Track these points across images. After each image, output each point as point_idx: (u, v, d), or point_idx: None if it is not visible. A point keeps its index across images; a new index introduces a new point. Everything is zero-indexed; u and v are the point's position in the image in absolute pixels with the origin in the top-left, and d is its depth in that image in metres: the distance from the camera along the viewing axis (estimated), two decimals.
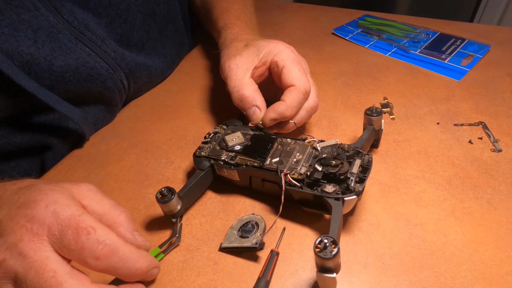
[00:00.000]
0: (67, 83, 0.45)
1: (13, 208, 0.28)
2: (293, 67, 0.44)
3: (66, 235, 0.27)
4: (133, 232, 0.32)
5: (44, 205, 0.28)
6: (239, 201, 0.41)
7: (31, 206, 0.28)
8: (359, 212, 0.39)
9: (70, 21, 0.45)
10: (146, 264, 0.30)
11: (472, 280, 0.33)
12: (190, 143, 0.49)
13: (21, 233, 0.27)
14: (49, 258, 0.27)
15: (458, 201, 0.40)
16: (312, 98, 0.45)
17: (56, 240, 0.27)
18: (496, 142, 0.47)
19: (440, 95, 0.55)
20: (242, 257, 0.35)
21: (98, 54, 0.47)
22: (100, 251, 0.27)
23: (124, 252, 0.28)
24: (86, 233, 0.27)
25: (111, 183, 0.44)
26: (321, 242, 0.28)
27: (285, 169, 0.37)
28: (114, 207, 0.32)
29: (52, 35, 0.43)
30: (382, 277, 0.33)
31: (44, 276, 0.26)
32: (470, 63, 0.62)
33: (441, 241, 0.36)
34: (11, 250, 0.26)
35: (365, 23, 0.77)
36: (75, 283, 0.26)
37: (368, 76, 0.60)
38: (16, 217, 0.28)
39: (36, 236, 0.27)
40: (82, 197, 0.31)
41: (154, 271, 0.32)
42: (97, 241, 0.27)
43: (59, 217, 0.27)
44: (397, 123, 0.50)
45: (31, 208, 0.28)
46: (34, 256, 0.26)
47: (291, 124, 0.44)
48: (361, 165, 0.36)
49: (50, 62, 0.43)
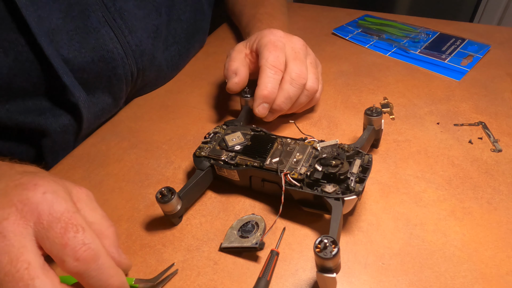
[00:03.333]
0: (82, 59, 0.46)
1: (11, 186, 0.28)
2: (265, 49, 0.45)
3: (54, 227, 0.26)
4: (118, 248, 0.31)
5: (42, 191, 0.28)
6: (239, 201, 0.41)
7: (30, 188, 0.28)
8: (359, 212, 0.39)
9: (108, 6, 0.47)
10: (118, 283, 0.28)
11: (472, 280, 0.33)
12: (190, 143, 0.49)
13: (10, 211, 0.26)
14: (27, 247, 0.26)
15: (458, 201, 0.40)
16: (310, 81, 0.46)
17: (41, 230, 0.26)
18: (496, 142, 0.47)
19: (440, 95, 0.55)
20: (242, 257, 0.35)
21: (120, 42, 0.49)
22: (82, 252, 0.26)
23: (103, 262, 0.27)
24: (74, 231, 0.27)
25: (111, 183, 0.44)
26: (321, 242, 0.28)
27: (285, 169, 0.37)
28: (105, 219, 0.32)
29: (84, 13, 0.45)
30: (382, 277, 0.33)
31: (17, 266, 0.25)
32: (470, 63, 0.62)
33: (441, 241, 0.36)
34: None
35: (365, 23, 0.77)
36: (47, 281, 0.25)
37: (368, 76, 0.60)
38: (11, 194, 0.27)
39: (23, 220, 0.26)
40: (78, 199, 0.31)
41: None
42: (82, 242, 0.27)
43: (53, 207, 0.27)
44: (397, 123, 0.50)
45: (29, 190, 0.27)
46: (13, 240, 0.25)
47: (279, 101, 0.45)
48: (361, 165, 0.36)
49: (72, 37, 0.44)
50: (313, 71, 0.47)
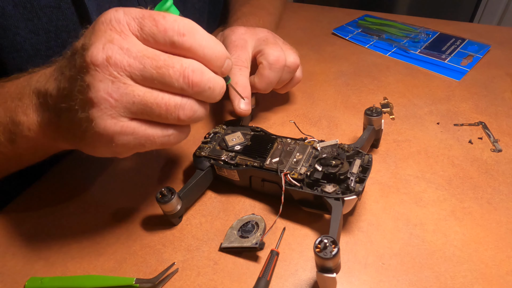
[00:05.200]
0: None
1: (89, 29, 0.28)
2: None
3: (145, 24, 0.27)
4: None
5: (114, 10, 0.28)
6: (239, 201, 0.41)
7: (103, 15, 0.28)
8: (359, 212, 0.39)
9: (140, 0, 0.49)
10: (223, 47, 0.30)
11: (472, 280, 0.33)
12: (190, 143, 0.49)
13: (109, 34, 0.27)
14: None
15: (458, 201, 0.40)
16: (289, 57, 0.45)
17: (139, 33, 0.27)
18: (496, 142, 0.47)
19: (440, 95, 0.55)
20: (242, 257, 0.35)
21: None
22: (182, 26, 0.27)
23: (201, 29, 0.28)
24: (162, 17, 0.27)
25: (111, 183, 0.44)
26: (321, 242, 0.28)
27: (285, 169, 0.37)
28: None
29: (122, 1, 0.47)
30: (382, 277, 0.33)
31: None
32: (470, 63, 0.62)
33: (441, 241, 0.36)
34: (110, 47, 0.26)
35: (365, 23, 0.77)
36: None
37: (368, 76, 0.60)
38: (95, 28, 0.27)
39: (123, 34, 0.27)
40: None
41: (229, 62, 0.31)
42: (174, 20, 0.27)
43: (131, 13, 0.27)
44: (397, 123, 0.50)
45: (104, 14, 0.27)
46: (138, 50, 0.26)
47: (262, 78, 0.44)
48: (361, 165, 0.36)
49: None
50: (288, 47, 0.47)
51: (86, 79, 0.26)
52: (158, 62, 0.27)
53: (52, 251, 0.37)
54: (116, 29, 0.27)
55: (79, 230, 0.39)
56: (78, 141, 0.30)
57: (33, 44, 0.42)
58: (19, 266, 0.36)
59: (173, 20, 0.27)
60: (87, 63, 0.26)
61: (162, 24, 0.27)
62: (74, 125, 0.28)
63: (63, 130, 0.31)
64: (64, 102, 0.28)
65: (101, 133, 0.27)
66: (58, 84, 0.29)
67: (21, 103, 0.32)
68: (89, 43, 0.27)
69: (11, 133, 0.33)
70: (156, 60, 0.27)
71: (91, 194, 0.43)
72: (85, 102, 0.27)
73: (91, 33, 0.27)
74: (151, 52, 0.27)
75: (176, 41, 0.27)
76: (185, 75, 0.27)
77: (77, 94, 0.27)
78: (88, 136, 0.28)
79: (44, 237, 0.38)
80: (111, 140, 0.28)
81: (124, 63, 0.26)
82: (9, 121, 0.33)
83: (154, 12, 0.27)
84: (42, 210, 0.41)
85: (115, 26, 0.27)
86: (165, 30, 0.27)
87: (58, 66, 0.30)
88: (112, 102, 0.26)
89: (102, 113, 0.27)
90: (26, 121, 0.32)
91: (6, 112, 0.33)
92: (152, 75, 0.27)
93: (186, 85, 0.27)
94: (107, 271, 0.35)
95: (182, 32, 0.27)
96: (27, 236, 0.38)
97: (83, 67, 0.26)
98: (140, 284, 0.33)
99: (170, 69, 0.27)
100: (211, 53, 0.28)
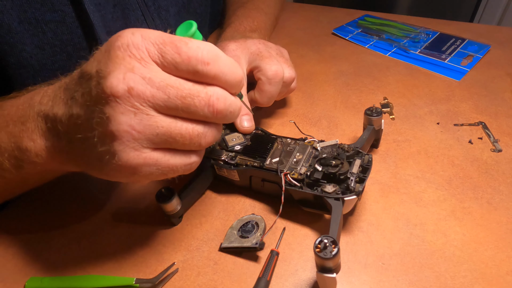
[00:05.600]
0: None
1: (102, 52, 0.26)
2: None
3: (167, 52, 0.25)
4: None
5: (130, 33, 0.26)
6: (239, 201, 0.41)
7: (118, 39, 0.26)
8: (359, 212, 0.39)
9: (148, 5, 0.49)
10: (241, 72, 0.29)
11: (472, 280, 0.33)
12: None
13: (128, 61, 0.25)
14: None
15: (458, 201, 0.40)
16: (286, 72, 0.45)
17: (159, 60, 0.26)
18: (496, 142, 0.47)
19: (440, 95, 0.55)
20: (242, 257, 0.35)
21: None
22: (206, 54, 0.26)
23: (222, 54, 0.27)
24: (184, 44, 0.26)
25: (111, 183, 0.44)
26: (321, 242, 0.28)
27: (285, 169, 0.37)
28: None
29: (125, 12, 0.47)
30: (382, 277, 0.33)
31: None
32: (470, 63, 0.62)
33: (441, 241, 0.36)
34: (131, 77, 0.25)
35: (365, 23, 0.77)
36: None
37: (368, 76, 0.60)
38: (111, 53, 0.25)
39: (143, 61, 0.25)
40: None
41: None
42: (197, 46, 0.26)
43: (150, 37, 0.26)
44: (397, 123, 0.50)
45: (120, 38, 0.26)
46: (160, 79, 0.25)
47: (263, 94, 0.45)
48: (361, 165, 0.36)
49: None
50: (283, 61, 0.47)
51: (106, 111, 0.25)
52: (182, 91, 0.26)
53: (52, 251, 0.37)
54: (135, 56, 0.25)
55: (79, 230, 0.39)
56: (94, 169, 0.29)
57: (39, 59, 0.42)
58: (19, 266, 0.36)
59: (196, 48, 0.26)
60: (106, 94, 0.24)
61: (185, 52, 0.25)
62: (92, 156, 0.27)
63: (76, 157, 0.29)
64: (79, 133, 0.27)
65: (123, 165, 0.26)
66: (69, 110, 0.27)
67: (25, 127, 0.30)
68: (106, 71, 0.25)
69: (17, 159, 0.31)
70: (180, 89, 0.26)
71: (91, 194, 0.43)
72: (105, 135, 0.25)
73: (106, 58, 0.26)
74: (174, 81, 0.26)
75: (200, 70, 0.26)
76: (210, 104, 0.26)
77: (96, 127, 0.26)
78: (109, 168, 0.27)
79: (44, 237, 0.38)
80: (134, 172, 0.27)
81: (147, 93, 0.25)
82: (14, 147, 0.31)
83: (175, 37, 0.26)
84: (42, 210, 0.41)
85: (134, 52, 0.25)
86: (188, 59, 0.25)
87: (65, 88, 0.29)
88: (135, 134, 0.25)
89: (125, 146, 0.26)
90: (33, 147, 0.30)
91: (10, 138, 0.31)
92: (177, 105, 0.26)
93: (211, 114, 0.27)
94: (107, 271, 0.35)
95: (206, 61, 0.26)
96: (27, 236, 0.38)
97: (102, 98, 0.25)
98: (140, 284, 0.33)
99: (195, 99, 0.26)
100: (233, 79, 0.28)
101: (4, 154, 0.32)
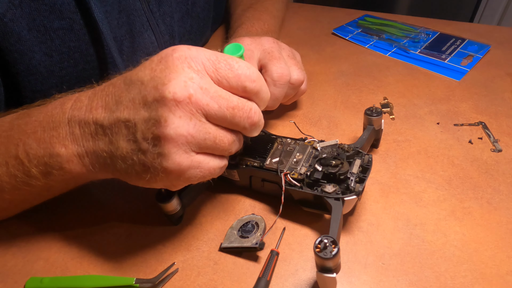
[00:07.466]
0: (127, 62, 0.48)
1: (155, 62, 0.28)
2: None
3: (220, 68, 0.29)
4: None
5: (186, 47, 0.29)
6: (239, 201, 0.41)
7: (176, 51, 0.28)
8: (359, 212, 0.39)
9: (153, 11, 0.49)
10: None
11: (472, 280, 0.33)
12: None
13: (188, 71, 0.28)
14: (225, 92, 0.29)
15: (458, 201, 0.40)
16: (294, 74, 0.46)
17: (213, 74, 0.29)
18: (496, 142, 0.47)
19: (440, 95, 0.55)
20: (242, 257, 0.35)
21: (159, 45, 0.51)
22: (252, 73, 0.29)
23: (261, 75, 0.31)
24: (235, 62, 0.29)
25: (111, 183, 0.44)
26: (321, 242, 0.28)
27: (285, 169, 0.37)
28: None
29: (130, 18, 0.47)
30: (382, 277, 0.33)
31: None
32: (470, 63, 0.62)
33: (441, 241, 0.36)
34: (192, 86, 0.27)
35: (365, 23, 0.77)
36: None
37: (368, 76, 0.60)
38: (169, 63, 0.28)
39: (200, 73, 0.28)
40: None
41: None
42: (246, 66, 0.29)
43: (205, 53, 0.29)
44: (397, 123, 0.50)
45: (178, 51, 0.28)
46: (214, 90, 0.28)
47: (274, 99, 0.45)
48: (361, 165, 0.36)
49: (122, 42, 0.47)
50: (293, 63, 0.47)
51: (164, 114, 0.27)
52: (232, 103, 0.29)
53: (52, 251, 0.37)
54: (193, 68, 0.28)
55: (79, 230, 0.39)
56: (132, 174, 0.30)
57: (47, 66, 0.42)
58: (19, 266, 0.36)
59: (245, 67, 0.29)
60: (168, 99, 0.26)
61: (236, 70, 0.29)
62: (136, 160, 0.29)
63: (115, 161, 0.30)
64: (127, 135, 0.28)
65: (173, 168, 0.28)
66: (112, 114, 0.29)
67: (56, 133, 0.31)
68: (166, 78, 0.27)
69: (46, 165, 0.31)
70: (230, 101, 0.28)
71: (91, 194, 0.43)
72: (160, 137, 0.27)
73: (164, 67, 0.28)
74: (225, 93, 0.29)
75: (247, 87, 0.29)
76: (249, 116, 0.30)
77: (151, 127, 0.27)
78: (156, 171, 0.29)
79: (44, 237, 0.38)
80: (180, 175, 0.29)
81: (203, 102, 0.27)
82: (44, 153, 0.31)
83: (227, 56, 0.29)
84: (42, 210, 0.41)
85: (192, 64, 0.28)
86: (238, 76, 0.29)
87: (103, 95, 0.30)
88: (189, 138, 0.28)
89: (178, 149, 0.28)
90: (65, 153, 0.31)
91: (40, 144, 0.31)
92: (226, 115, 0.28)
93: (249, 125, 0.30)
94: (107, 271, 0.35)
95: (253, 79, 0.29)
96: (27, 236, 0.38)
97: (159, 101, 0.27)
98: (140, 284, 0.33)
99: (240, 111, 0.29)
100: (266, 97, 0.32)
101: (33, 161, 0.32)
